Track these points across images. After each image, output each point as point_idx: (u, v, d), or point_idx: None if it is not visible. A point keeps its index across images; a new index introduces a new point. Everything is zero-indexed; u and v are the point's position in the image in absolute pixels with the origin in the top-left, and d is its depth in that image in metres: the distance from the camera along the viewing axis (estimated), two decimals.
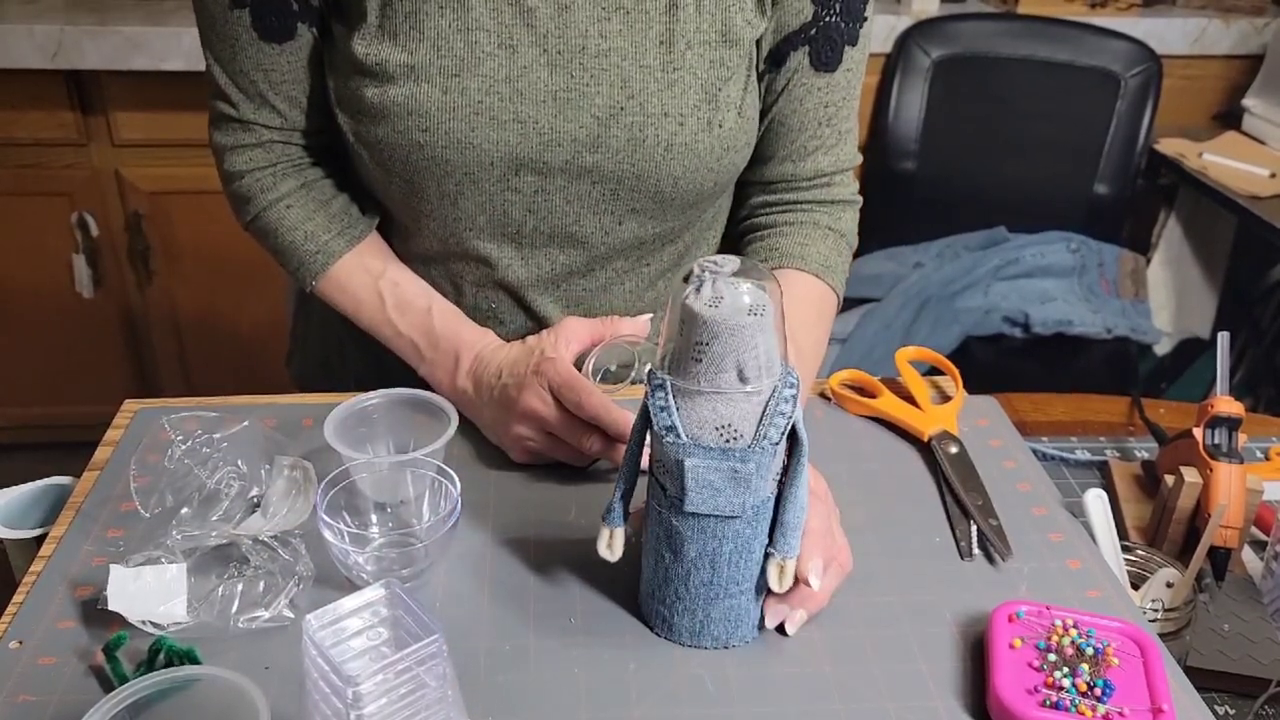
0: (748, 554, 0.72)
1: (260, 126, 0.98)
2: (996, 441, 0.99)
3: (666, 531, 0.73)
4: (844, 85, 1.00)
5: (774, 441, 0.68)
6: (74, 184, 2.23)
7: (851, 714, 0.71)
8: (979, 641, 0.77)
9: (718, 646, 0.75)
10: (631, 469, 0.75)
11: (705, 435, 0.68)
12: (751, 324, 0.66)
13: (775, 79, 0.99)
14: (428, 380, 0.98)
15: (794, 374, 0.70)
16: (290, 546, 0.78)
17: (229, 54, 0.95)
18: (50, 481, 0.90)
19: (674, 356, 0.69)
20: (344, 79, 0.93)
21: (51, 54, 2.06)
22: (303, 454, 0.88)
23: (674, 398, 0.69)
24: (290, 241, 1.00)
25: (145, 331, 2.41)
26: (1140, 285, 2.28)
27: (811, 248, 1.02)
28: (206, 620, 0.74)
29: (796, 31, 0.96)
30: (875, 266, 2.29)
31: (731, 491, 0.69)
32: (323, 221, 1.00)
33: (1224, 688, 0.80)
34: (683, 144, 0.93)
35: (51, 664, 0.72)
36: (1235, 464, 0.90)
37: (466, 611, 0.78)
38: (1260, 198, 2.12)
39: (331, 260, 0.99)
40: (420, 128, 0.90)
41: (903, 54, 2.31)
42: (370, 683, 0.58)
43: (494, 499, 0.89)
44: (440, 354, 0.97)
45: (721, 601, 0.74)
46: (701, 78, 0.93)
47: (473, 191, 0.94)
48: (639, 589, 0.78)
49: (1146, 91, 2.29)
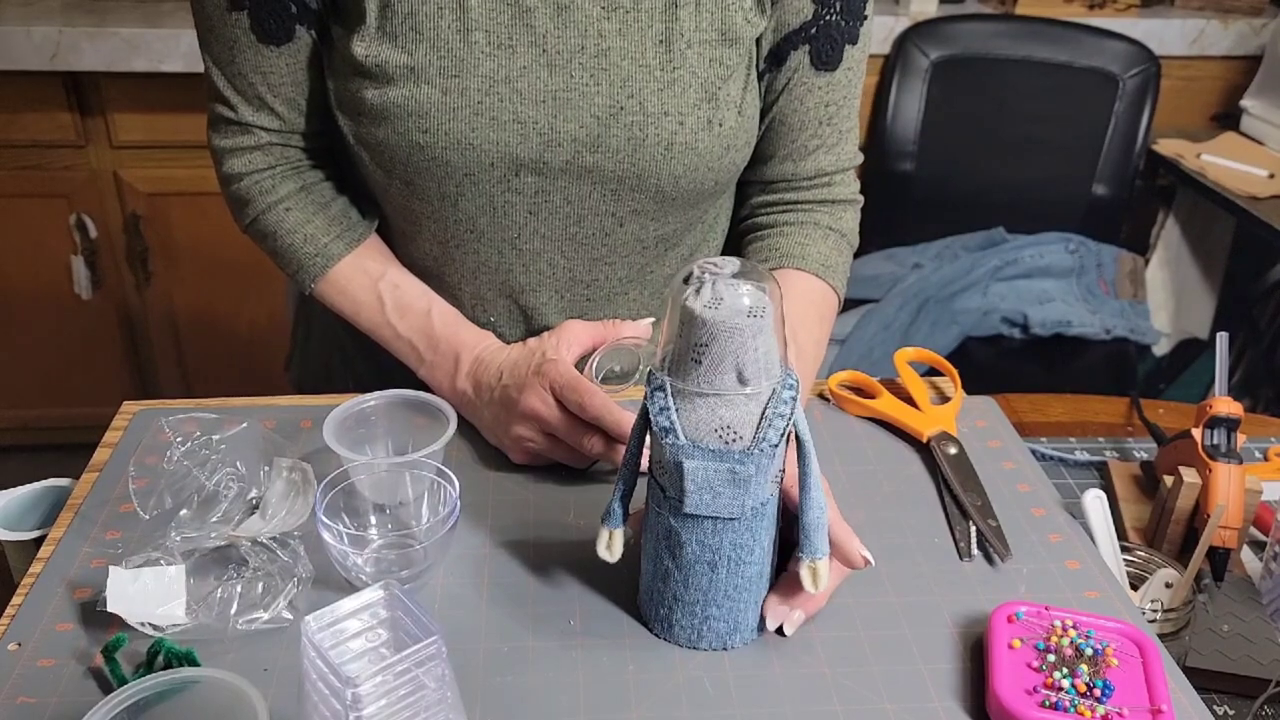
0: (747, 556, 0.72)
1: (259, 129, 0.98)
2: (995, 442, 0.99)
3: (666, 533, 0.73)
4: (844, 84, 1.00)
5: (773, 443, 0.68)
6: (72, 185, 2.23)
7: (850, 715, 0.71)
8: (978, 642, 0.77)
9: (717, 648, 0.75)
10: (631, 470, 0.75)
11: (704, 437, 0.68)
12: (751, 325, 0.66)
13: (776, 78, 0.99)
14: (427, 382, 0.98)
15: (793, 376, 0.70)
16: (289, 548, 0.78)
17: (227, 56, 0.95)
18: (49, 483, 0.90)
19: (673, 358, 0.69)
20: (343, 81, 0.93)
21: (50, 55, 2.06)
22: (302, 455, 0.88)
23: (673, 399, 0.69)
24: (289, 244, 1.00)
25: (144, 333, 2.41)
26: (1139, 286, 2.28)
27: (812, 248, 1.01)
28: (205, 622, 0.74)
29: (797, 30, 0.96)
30: (874, 267, 2.29)
31: (730, 493, 0.69)
32: (322, 224, 1.00)
33: (1223, 688, 0.80)
34: (683, 143, 0.93)
35: (50, 666, 0.72)
36: (1234, 464, 0.90)
37: (466, 613, 0.78)
38: (1258, 198, 2.12)
39: (331, 263, 0.99)
40: (420, 128, 0.90)
41: (901, 55, 2.31)
42: (369, 684, 0.58)
43: (493, 500, 0.89)
44: (440, 356, 0.97)
45: (721, 603, 0.74)
46: (701, 77, 0.92)
47: (473, 193, 0.94)
48: (638, 590, 0.78)
49: (1145, 92, 2.29)
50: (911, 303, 2.16)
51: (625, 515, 0.75)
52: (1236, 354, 2.40)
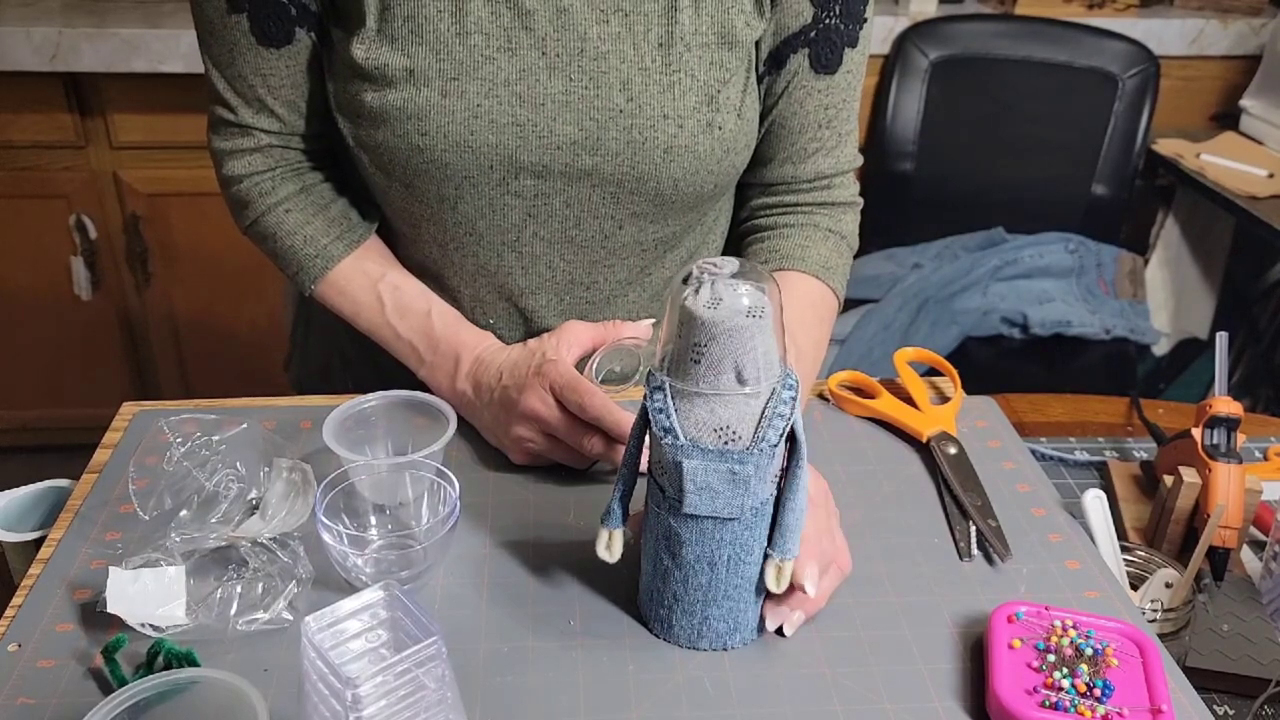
0: (746, 556, 0.72)
1: (259, 131, 0.98)
2: (995, 442, 0.99)
3: (665, 533, 0.73)
4: (844, 87, 1.00)
5: (772, 443, 0.68)
6: (72, 186, 2.23)
7: (850, 715, 0.71)
8: (978, 642, 0.77)
9: (716, 648, 0.75)
10: (630, 471, 0.75)
11: (704, 437, 0.68)
12: (750, 325, 0.66)
13: (775, 81, 0.99)
14: (427, 383, 0.98)
15: (793, 375, 0.70)
16: (289, 549, 0.78)
17: (227, 58, 0.95)
18: (49, 484, 0.90)
19: (673, 358, 0.69)
20: (343, 83, 0.93)
21: (49, 56, 2.06)
22: (301, 456, 0.88)
23: (672, 399, 0.69)
24: (289, 246, 1.00)
25: (143, 334, 2.41)
26: (1138, 286, 2.28)
27: (812, 250, 1.01)
28: (205, 622, 0.74)
29: (796, 34, 0.96)
30: (874, 267, 2.29)
31: (730, 493, 0.69)
32: (321, 225, 1.00)
33: (1223, 688, 0.80)
34: (682, 146, 0.93)
35: (50, 666, 0.72)
36: (1234, 464, 0.90)
37: (465, 613, 0.78)
38: (1258, 198, 2.12)
39: (331, 264, 0.99)
40: (420, 131, 0.90)
41: (901, 55, 2.31)
42: (369, 685, 0.58)
43: (493, 501, 0.89)
44: (440, 356, 0.97)
45: (720, 603, 0.74)
46: (700, 80, 0.92)
47: (472, 195, 0.94)
48: (638, 590, 0.78)
49: (1144, 92, 2.29)
50: (911, 303, 2.16)
51: (625, 516, 0.75)
52: (1236, 354, 2.40)
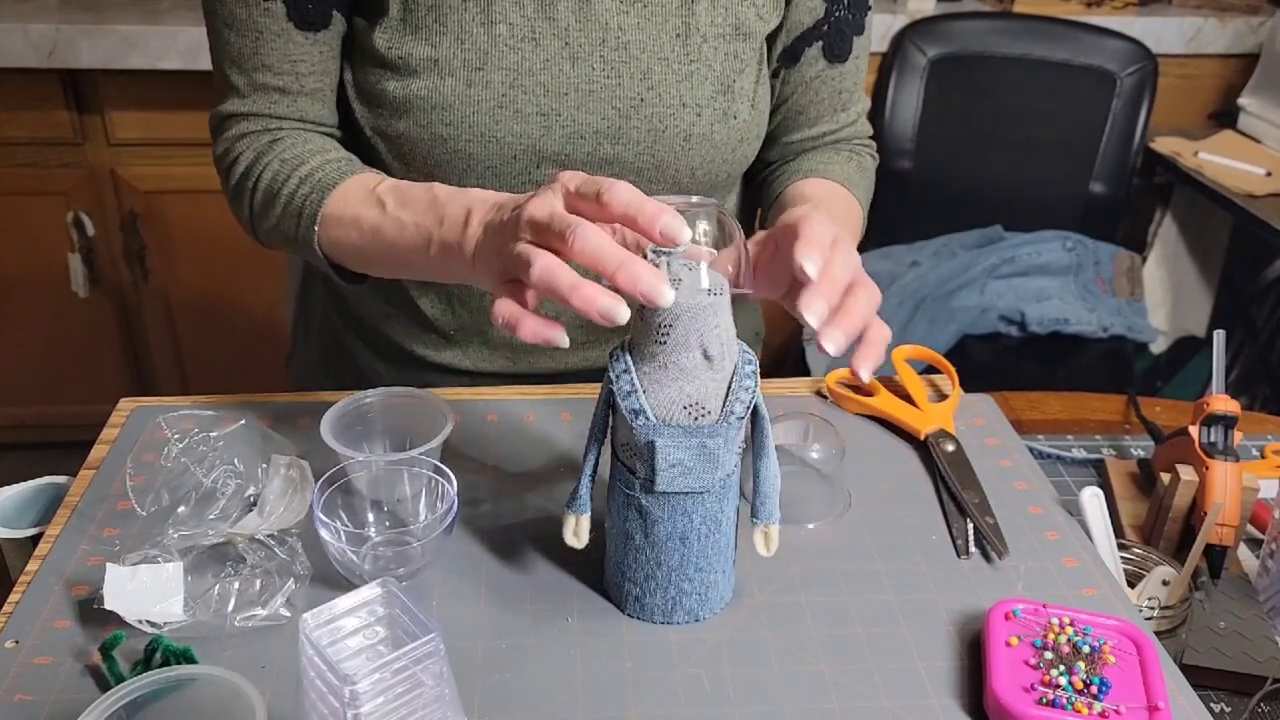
0: (716, 527, 0.74)
1: (277, 121, 0.94)
2: (993, 440, 0.99)
3: (637, 512, 0.74)
4: (854, 71, 1.04)
5: (739, 415, 0.71)
6: (70, 183, 2.23)
7: (848, 713, 0.71)
8: (976, 640, 0.77)
9: (690, 620, 0.77)
10: (596, 455, 0.76)
11: (674, 415, 0.70)
12: (712, 303, 0.68)
13: (790, 74, 1.02)
14: (443, 269, 0.83)
15: (749, 351, 0.73)
16: (287, 545, 0.78)
17: (251, 50, 0.91)
18: (46, 480, 0.90)
19: (635, 340, 0.71)
20: (363, 72, 0.92)
21: (47, 53, 2.05)
22: (299, 452, 0.88)
23: (639, 381, 0.70)
24: (290, 193, 0.91)
25: (141, 330, 2.41)
26: (1136, 284, 2.28)
27: (835, 168, 1.04)
28: (203, 619, 0.73)
29: (811, 29, 0.99)
30: (871, 265, 2.28)
31: (701, 468, 0.71)
32: (318, 162, 0.91)
33: (1220, 685, 0.80)
34: (700, 135, 0.94)
35: (48, 663, 0.72)
36: (1231, 462, 0.90)
37: (463, 610, 0.78)
38: (1256, 196, 2.12)
39: (328, 192, 0.89)
40: (444, 121, 0.90)
41: (899, 53, 2.31)
42: (367, 681, 0.58)
43: (491, 498, 0.89)
44: (450, 216, 0.81)
45: (692, 577, 0.75)
46: (717, 70, 0.94)
47: (494, 185, 0.94)
48: (603, 572, 0.79)
49: (1142, 90, 2.29)
50: (909, 301, 2.16)
51: (590, 500, 0.76)
52: (1234, 352, 2.40)
